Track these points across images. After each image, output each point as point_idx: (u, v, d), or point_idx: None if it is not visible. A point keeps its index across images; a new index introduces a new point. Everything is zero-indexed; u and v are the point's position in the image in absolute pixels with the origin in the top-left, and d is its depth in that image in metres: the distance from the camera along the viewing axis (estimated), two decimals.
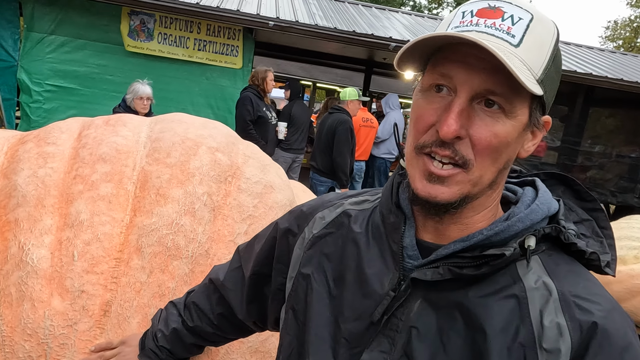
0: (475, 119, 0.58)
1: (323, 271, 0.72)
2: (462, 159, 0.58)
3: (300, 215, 0.81)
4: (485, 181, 0.60)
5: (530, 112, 0.60)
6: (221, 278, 0.91)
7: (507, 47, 0.56)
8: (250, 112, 4.56)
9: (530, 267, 0.61)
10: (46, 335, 0.97)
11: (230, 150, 1.34)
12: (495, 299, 0.60)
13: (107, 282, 1.04)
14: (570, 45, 8.97)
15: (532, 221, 0.62)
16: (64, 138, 1.27)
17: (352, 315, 0.67)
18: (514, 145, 0.60)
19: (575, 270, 0.63)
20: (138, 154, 1.25)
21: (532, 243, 0.60)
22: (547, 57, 0.59)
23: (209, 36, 5.88)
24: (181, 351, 0.96)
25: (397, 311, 0.64)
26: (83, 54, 5.65)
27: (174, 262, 1.09)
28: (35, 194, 1.12)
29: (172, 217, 1.12)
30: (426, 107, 0.60)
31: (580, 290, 0.60)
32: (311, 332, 0.70)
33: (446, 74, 0.58)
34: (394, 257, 0.66)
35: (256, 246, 0.87)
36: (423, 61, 0.62)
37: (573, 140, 7.60)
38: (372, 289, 0.66)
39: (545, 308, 0.58)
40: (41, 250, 1.04)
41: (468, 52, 0.56)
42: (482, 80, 0.56)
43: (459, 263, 0.61)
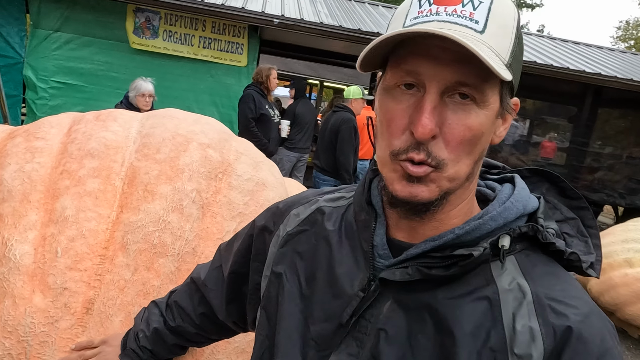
0: (448, 114, 0.55)
1: (295, 270, 0.70)
2: (435, 160, 0.55)
3: (276, 212, 0.78)
4: (462, 175, 0.57)
5: (501, 98, 0.57)
6: (202, 277, 0.89)
7: (473, 34, 0.53)
8: (253, 109, 4.54)
9: (505, 268, 0.58)
10: (26, 332, 0.95)
11: (222, 146, 1.31)
12: (466, 301, 0.57)
13: (90, 280, 1.02)
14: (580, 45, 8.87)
15: (505, 220, 0.59)
16: (54, 133, 1.26)
17: (321, 316, 0.65)
18: (487, 135, 0.58)
19: (553, 271, 0.60)
20: (127, 149, 1.23)
21: (506, 243, 0.57)
22: (512, 39, 0.56)
23: (214, 34, 5.87)
24: (163, 352, 0.94)
25: (366, 312, 0.61)
26: (89, 51, 5.66)
27: (159, 260, 1.07)
28: (21, 189, 1.10)
29: (159, 214, 1.10)
30: (395, 107, 0.57)
31: (557, 293, 0.57)
32: (281, 333, 0.68)
33: (412, 70, 0.55)
34: (365, 256, 0.64)
35: (235, 245, 0.85)
36: (382, 58, 0.59)
37: (581, 141, 7.52)
38: (342, 289, 0.64)
39: (518, 311, 0.56)
40: (24, 246, 1.02)
41: (432, 44, 0.53)
42: (451, 73, 0.53)
43: (428, 263, 0.58)
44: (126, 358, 0.93)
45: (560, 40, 9.05)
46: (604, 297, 4.15)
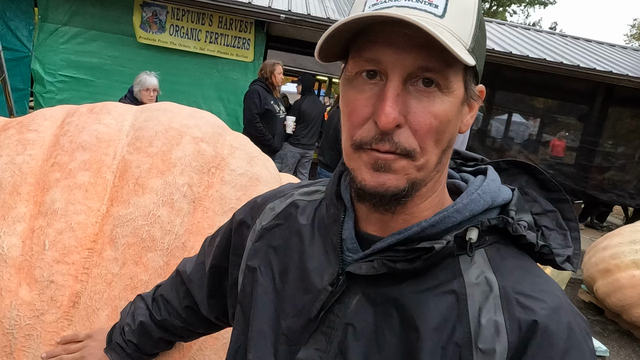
0: (412, 102, 0.53)
1: (270, 264, 0.69)
2: (405, 151, 0.53)
3: (254, 206, 0.78)
4: (431, 165, 0.56)
5: (465, 84, 0.56)
6: (188, 271, 0.88)
7: (432, 19, 0.51)
8: (258, 105, 4.53)
9: (474, 262, 0.57)
10: (12, 325, 0.94)
11: (216, 140, 1.30)
12: (432, 294, 0.56)
13: (77, 273, 1.01)
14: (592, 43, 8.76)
15: (471, 212, 0.58)
16: (46, 125, 1.25)
17: (292, 310, 0.64)
18: (454, 123, 0.56)
19: (523, 265, 0.58)
20: (120, 142, 1.21)
21: (474, 236, 0.56)
22: (474, 24, 0.54)
23: (220, 29, 5.87)
24: (149, 346, 0.93)
25: (335, 307, 0.60)
26: (96, 45, 5.69)
27: (148, 254, 1.05)
28: (11, 181, 1.09)
29: (149, 208, 1.09)
30: (358, 97, 0.55)
31: (525, 287, 0.55)
32: (254, 328, 0.67)
33: (373, 58, 0.53)
34: (334, 250, 0.63)
35: (217, 239, 0.85)
36: (343, 47, 0.57)
37: (591, 140, 7.43)
38: (312, 283, 0.63)
39: (484, 305, 0.54)
40: (12, 239, 1.01)
41: (392, 31, 0.51)
42: (413, 59, 0.51)
43: (393, 257, 0.57)
44: (112, 352, 0.92)
45: (572, 37, 8.94)
46: (610, 298, 4.09)
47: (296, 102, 5.49)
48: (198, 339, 1.06)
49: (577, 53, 7.56)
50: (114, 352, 0.92)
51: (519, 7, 25.87)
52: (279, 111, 4.79)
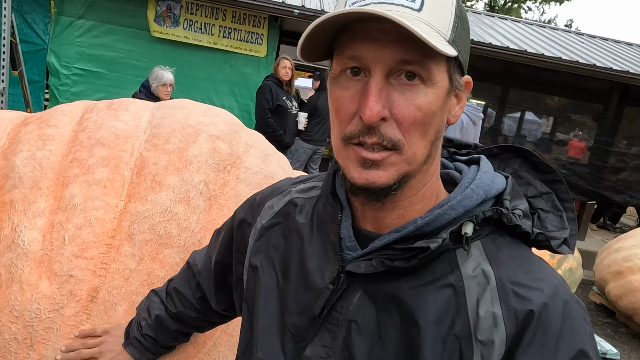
0: (395, 96, 0.54)
1: (271, 262, 0.71)
2: (391, 142, 0.54)
3: (253, 205, 0.79)
4: (419, 157, 0.57)
5: (449, 75, 0.57)
6: (199, 265, 0.91)
7: (410, 12, 0.53)
8: (269, 100, 4.54)
9: (471, 254, 0.58)
10: (32, 318, 0.96)
11: (231, 138, 1.31)
12: (430, 289, 0.57)
13: (96, 268, 1.03)
14: (608, 41, 8.64)
15: (465, 208, 0.59)
16: (66, 121, 1.27)
17: (296, 308, 0.66)
18: (440, 114, 0.57)
19: (518, 254, 0.59)
20: (137, 139, 1.23)
21: (469, 230, 0.57)
22: (452, 15, 0.55)
23: (234, 23, 5.88)
24: (166, 338, 0.95)
25: (337, 304, 0.62)
26: (110, 38, 5.73)
27: (165, 251, 1.07)
28: (31, 176, 1.11)
29: (166, 205, 1.10)
30: (343, 94, 0.56)
31: (521, 277, 0.56)
32: (259, 326, 0.68)
33: (354, 55, 0.54)
34: (333, 248, 0.64)
35: (221, 235, 0.87)
36: (328, 46, 0.58)
37: (606, 141, 7.34)
38: (313, 282, 0.64)
39: (481, 297, 0.56)
40: (33, 233, 1.03)
41: (371, 27, 0.53)
42: (392, 53, 0.53)
43: (390, 255, 0.58)
44: (130, 347, 0.94)
45: (588, 36, 8.82)
46: (622, 300, 4.06)
47: (311, 98, 5.48)
48: (212, 336, 1.07)
49: (593, 52, 7.46)
50: (132, 346, 0.94)
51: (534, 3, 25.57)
52: (291, 107, 4.79)
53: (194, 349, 1.05)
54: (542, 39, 7.65)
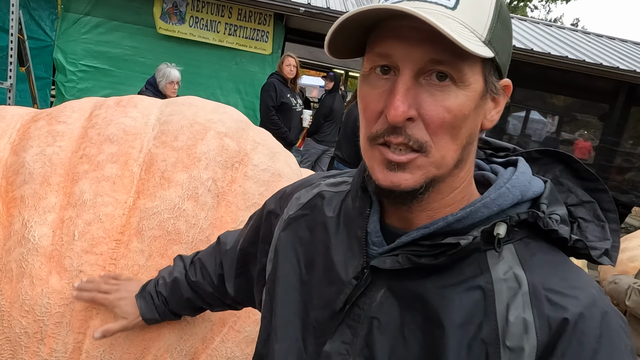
0: (424, 96, 0.52)
1: (296, 254, 0.70)
2: (417, 143, 0.53)
3: (283, 196, 0.79)
4: (449, 161, 0.55)
5: (484, 78, 0.54)
6: (228, 245, 0.91)
7: (443, 11, 0.51)
8: (273, 97, 4.55)
9: (502, 257, 0.56)
10: (43, 312, 0.97)
11: (239, 136, 1.31)
12: (457, 290, 0.55)
13: (105, 263, 1.03)
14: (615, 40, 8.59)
15: (499, 207, 0.56)
16: (75, 117, 1.28)
17: (319, 302, 0.64)
18: (473, 118, 0.55)
19: (554, 260, 0.56)
20: (146, 136, 1.24)
21: (502, 231, 0.54)
22: (491, 14, 0.53)
23: (239, 21, 5.88)
24: (176, 303, 0.96)
25: (359, 300, 0.60)
26: (117, 35, 5.75)
27: (173, 247, 1.08)
28: (41, 171, 1.12)
29: (175, 202, 1.11)
30: (371, 93, 0.55)
31: (556, 283, 0.54)
32: (278, 317, 0.68)
33: (384, 53, 0.53)
34: (359, 243, 0.63)
35: (250, 223, 0.87)
36: (360, 43, 0.57)
37: (612, 140, 7.30)
38: (337, 276, 0.63)
39: (512, 302, 0.53)
40: (43, 228, 1.04)
41: (402, 25, 0.51)
42: (423, 52, 0.51)
43: (417, 251, 0.56)
44: (141, 299, 0.97)
45: (595, 35, 8.77)
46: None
47: (327, 99, 5.46)
48: (220, 332, 1.08)
49: (600, 51, 7.42)
50: (143, 299, 0.97)
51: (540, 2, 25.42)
52: (295, 104, 4.79)
53: (202, 345, 1.06)
54: (548, 37, 7.61)
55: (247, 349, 1.09)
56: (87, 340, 0.98)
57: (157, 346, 1.01)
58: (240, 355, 1.08)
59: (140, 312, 0.96)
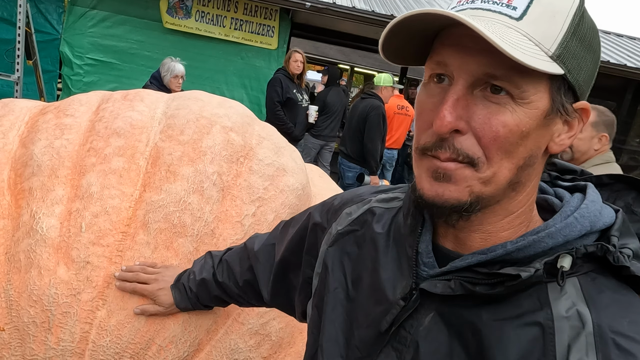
0: (476, 108, 0.50)
1: (343, 270, 0.68)
2: (467, 158, 0.50)
3: (330, 209, 0.77)
4: (501, 180, 0.51)
5: (551, 96, 0.50)
6: (255, 249, 0.92)
7: (506, 21, 0.48)
8: (279, 93, 4.55)
9: (565, 292, 0.51)
10: (50, 302, 0.99)
11: (244, 130, 1.32)
12: (513, 324, 0.51)
13: (112, 255, 1.05)
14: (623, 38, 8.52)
15: (565, 238, 0.52)
16: (83, 110, 1.29)
17: (364, 321, 0.62)
18: (535, 137, 0.51)
19: (623, 300, 0.51)
20: (152, 129, 1.25)
21: (567, 264, 0.50)
22: (565, 27, 0.49)
23: (245, 15, 5.88)
24: (206, 299, 1.00)
25: (406, 323, 0.58)
26: (123, 29, 5.76)
27: (178, 240, 1.09)
28: (49, 164, 1.13)
29: (180, 195, 1.12)
30: (426, 101, 0.54)
31: (625, 327, 0.49)
32: (326, 334, 0.66)
33: (442, 61, 0.52)
34: (409, 263, 0.60)
35: (290, 230, 0.86)
36: (418, 51, 0.55)
37: (618, 138, 7.26)
38: (384, 295, 0.61)
39: (574, 343, 0.49)
40: (51, 220, 1.06)
41: (462, 34, 0.49)
42: (479, 64, 0.49)
43: (473, 279, 0.53)
44: (175, 290, 1.00)
45: (602, 32, 8.70)
46: None
47: (321, 93, 5.48)
48: (224, 324, 1.09)
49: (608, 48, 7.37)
50: (178, 290, 1.00)
51: None
52: (301, 100, 4.79)
53: (206, 336, 1.08)
54: None
55: (250, 341, 1.10)
56: (94, 331, 1.00)
57: (162, 337, 1.02)
58: (244, 347, 1.10)
59: (174, 302, 1.00)
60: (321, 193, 1.46)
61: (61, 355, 0.99)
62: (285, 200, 1.25)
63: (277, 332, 1.14)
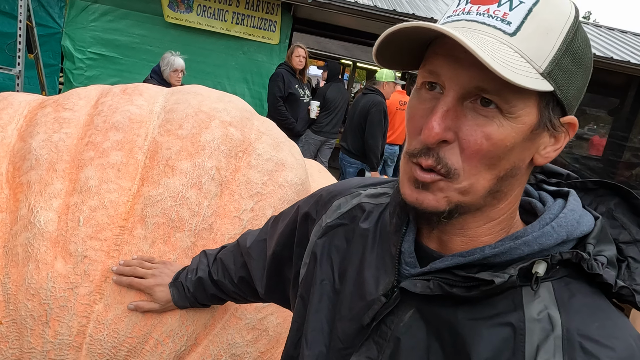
0: (465, 120, 0.51)
1: (330, 262, 0.70)
2: (445, 168, 0.52)
3: (319, 201, 0.78)
4: (479, 190, 0.53)
5: (539, 111, 0.51)
6: (247, 245, 0.92)
7: (500, 36, 0.49)
8: (281, 88, 4.54)
9: (538, 295, 0.53)
10: (47, 296, 0.99)
11: (243, 125, 1.32)
12: (487, 324, 0.53)
13: (109, 249, 1.05)
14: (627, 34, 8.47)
15: (541, 246, 0.54)
16: (81, 104, 1.29)
17: (347, 314, 0.64)
18: (519, 151, 0.52)
19: (593, 305, 0.53)
20: (151, 124, 1.25)
21: (541, 270, 0.52)
22: (557, 45, 0.50)
23: (247, 10, 5.86)
24: (202, 297, 1.00)
25: (387, 318, 0.60)
26: (125, 23, 5.75)
27: (176, 234, 1.09)
28: (48, 158, 1.13)
29: (179, 189, 1.12)
30: (417, 107, 0.55)
31: (593, 330, 0.50)
32: (310, 324, 0.68)
33: (433, 70, 0.52)
34: (392, 260, 0.62)
35: (280, 224, 0.87)
36: (413, 57, 0.56)
37: (621, 135, 7.24)
38: (367, 290, 0.63)
39: (543, 344, 0.50)
40: (49, 214, 1.06)
41: (455, 45, 0.48)
42: (470, 77, 0.49)
43: (450, 280, 0.55)
44: (174, 288, 1.01)
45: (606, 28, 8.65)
46: None
47: (321, 89, 5.47)
48: (222, 318, 1.10)
49: (611, 44, 7.33)
50: (176, 288, 1.01)
51: None
52: (303, 95, 4.78)
53: (203, 331, 1.08)
54: None
55: (247, 336, 1.10)
56: (91, 324, 1.00)
57: (159, 331, 1.02)
58: (241, 342, 1.10)
59: (173, 300, 1.01)
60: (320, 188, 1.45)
61: (58, 349, 0.99)
62: (284, 196, 1.25)
63: (274, 327, 1.14)
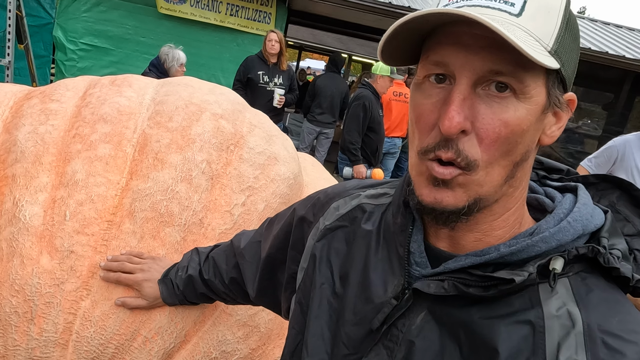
0: (481, 108, 0.49)
1: (330, 266, 0.68)
2: (465, 161, 0.50)
3: (316, 204, 0.76)
4: (495, 179, 0.52)
5: (547, 90, 0.51)
6: (241, 246, 0.90)
7: (507, 17, 0.48)
8: (240, 72, 4.53)
9: (556, 292, 0.52)
10: (33, 292, 0.96)
11: (235, 118, 1.29)
12: (505, 322, 0.52)
13: (97, 244, 1.02)
14: (622, 29, 8.48)
15: (558, 242, 0.53)
16: (69, 96, 1.26)
17: (352, 318, 0.62)
18: (532, 133, 0.51)
19: (612, 299, 0.52)
20: (140, 116, 1.22)
21: (559, 266, 0.51)
22: (559, 23, 0.50)
23: (241, 1, 5.81)
24: (191, 296, 0.98)
25: (398, 321, 0.58)
26: (117, 14, 5.68)
27: (165, 229, 1.06)
28: (33, 150, 1.10)
29: (168, 183, 1.10)
30: (425, 102, 0.52)
31: (614, 325, 0.49)
32: (311, 330, 0.66)
33: (440, 61, 0.50)
34: (400, 262, 0.60)
35: (275, 227, 0.84)
36: (412, 51, 0.54)
37: (615, 130, 7.26)
38: (375, 293, 0.61)
39: (564, 341, 0.49)
40: (34, 208, 1.03)
41: (462, 32, 0.48)
42: (482, 61, 0.48)
43: (466, 280, 0.53)
44: (163, 285, 0.99)
45: (601, 22, 8.65)
46: None
47: (315, 78, 5.46)
48: (212, 315, 1.08)
49: (606, 39, 7.33)
50: (165, 285, 0.99)
51: None
52: (266, 82, 4.60)
53: (193, 327, 1.06)
54: None
55: (238, 333, 1.08)
56: (78, 321, 0.98)
57: (148, 328, 1.00)
58: (232, 339, 1.08)
59: (161, 297, 0.99)
60: (313, 182, 1.43)
61: (44, 346, 0.97)
62: (276, 190, 1.23)
63: (266, 324, 1.12)
